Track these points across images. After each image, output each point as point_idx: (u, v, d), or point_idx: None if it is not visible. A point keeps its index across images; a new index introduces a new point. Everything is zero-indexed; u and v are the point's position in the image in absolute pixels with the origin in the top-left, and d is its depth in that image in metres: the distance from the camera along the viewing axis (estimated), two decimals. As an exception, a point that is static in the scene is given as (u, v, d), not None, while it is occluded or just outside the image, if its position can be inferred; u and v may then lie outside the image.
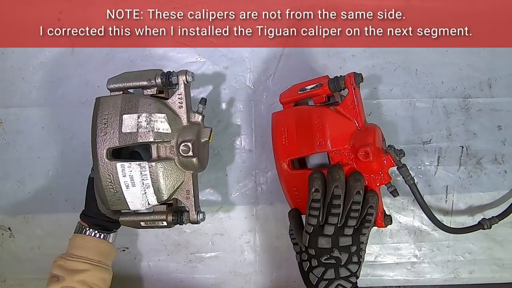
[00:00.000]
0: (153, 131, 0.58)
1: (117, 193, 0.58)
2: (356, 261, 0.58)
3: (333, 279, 0.56)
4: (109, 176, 0.58)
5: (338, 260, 0.57)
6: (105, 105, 0.59)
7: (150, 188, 0.58)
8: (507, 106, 0.75)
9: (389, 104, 0.75)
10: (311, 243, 0.58)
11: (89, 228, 0.63)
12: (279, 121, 0.66)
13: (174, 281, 0.77)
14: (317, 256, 0.57)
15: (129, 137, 0.58)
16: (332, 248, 0.57)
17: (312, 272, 0.57)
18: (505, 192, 0.75)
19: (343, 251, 0.57)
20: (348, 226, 0.57)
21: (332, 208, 0.56)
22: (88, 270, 0.60)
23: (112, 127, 0.58)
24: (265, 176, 0.76)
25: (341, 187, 0.56)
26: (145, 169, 0.58)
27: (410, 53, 0.74)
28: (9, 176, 0.75)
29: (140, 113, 0.58)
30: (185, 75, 0.62)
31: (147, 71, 0.63)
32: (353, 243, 0.58)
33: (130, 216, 0.63)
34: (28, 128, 0.74)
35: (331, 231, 0.57)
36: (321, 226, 0.57)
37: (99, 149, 0.58)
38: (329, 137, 0.60)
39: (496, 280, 0.78)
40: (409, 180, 0.62)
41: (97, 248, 0.63)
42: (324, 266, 0.57)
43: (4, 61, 0.74)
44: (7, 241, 0.75)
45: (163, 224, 0.63)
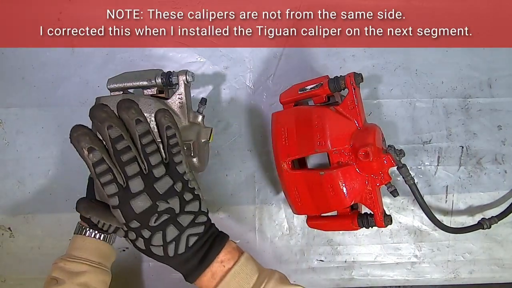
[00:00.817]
0: (154, 131, 0.58)
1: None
2: (192, 198, 0.46)
3: (179, 234, 0.45)
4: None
5: (171, 211, 0.45)
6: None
7: None
8: (507, 106, 0.75)
9: (389, 104, 0.75)
10: (128, 215, 0.43)
11: (90, 228, 0.62)
12: (279, 121, 0.66)
13: (174, 281, 0.77)
14: (144, 223, 0.44)
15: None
16: (155, 202, 0.44)
17: (152, 245, 0.44)
18: (505, 192, 0.75)
19: (169, 197, 0.45)
20: (155, 166, 0.44)
21: (122, 155, 0.42)
22: (88, 272, 0.59)
23: None
24: (265, 176, 0.75)
25: (116, 124, 0.42)
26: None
27: (410, 53, 0.74)
28: (9, 176, 0.75)
29: None
30: (185, 75, 0.62)
31: (147, 71, 0.63)
32: (175, 181, 0.45)
33: None
34: (28, 128, 0.74)
35: (140, 184, 0.43)
36: (125, 187, 0.43)
37: None
38: (329, 137, 0.60)
39: (496, 280, 0.78)
40: (409, 180, 0.62)
41: (97, 250, 0.62)
42: (160, 228, 0.44)
43: (4, 61, 0.74)
44: (7, 241, 0.75)
45: None
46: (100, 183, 0.43)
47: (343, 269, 0.77)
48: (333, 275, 0.77)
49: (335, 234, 0.76)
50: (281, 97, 0.69)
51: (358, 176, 0.61)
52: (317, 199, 0.63)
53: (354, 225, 0.64)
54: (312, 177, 0.62)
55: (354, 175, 0.60)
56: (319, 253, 0.76)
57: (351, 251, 0.76)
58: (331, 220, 0.67)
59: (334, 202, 0.61)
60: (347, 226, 0.65)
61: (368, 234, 0.76)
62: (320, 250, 0.76)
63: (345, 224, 0.65)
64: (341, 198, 0.60)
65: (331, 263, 0.77)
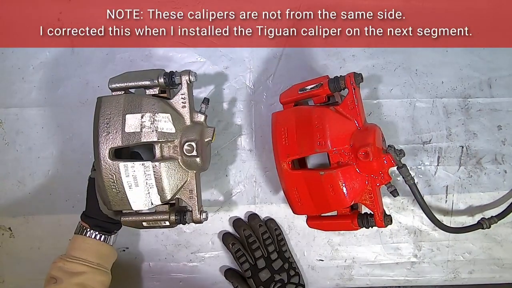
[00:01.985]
0: (157, 130, 0.58)
1: (119, 193, 0.58)
2: (294, 274, 0.72)
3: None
4: (112, 176, 0.58)
5: (282, 282, 0.70)
6: (107, 104, 0.59)
7: (154, 188, 0.58)
8: (507, 106, 0.75)
9: (389, 104, 0.75)
10: (257, 282, 0.69)
11: (90, 229, 0.62)
12: (279, 121, 0.66)
13: (174, 281, 0.77)
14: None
15: (132, 137, 0.57)
16: (273, 275, 0.70)
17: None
18: (505, 192, 0.75)
19: (281, 272, 0.71)
20: (271, 252, 0.71)
21: (252, 245, 0.71)
22: (87, 272, 0.60)
23: (114, 126, 0.58)
24: (265, 176, 0.76)
25: (248, 229, 0.72)
26: (149, 169, 0.58)
27: (410, 53, 0.74)
28: (9, 176, 0.75)
29: (144, 113, 0.58)
30: (188, 75, 0.62)
31: (149, 71, 0.63)
32: (284, 261, 0.72)
33: (132, 216, 0.63)
34: (28, 128, 0.74)
35: (263, 263, 0.70)
36: (254, 265, 0.70)
37: (101, 149, 0.57)
38: (329, 137, 0.60)
39: (496, 280, 0.78)
40: (409, 180, 0.62)
41: (97, 251, 0.62)
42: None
43: (4, 61, 0.74)
44: (7, 241, 0.75)
45: (165, 224, 0.63)
46: (238, 262, 0.71)
47: (343, 269, 0.77)
48: (333, 275, 0.77)
49: (335, 234, 0.76)
50: (281, 97, 0.69)
51: (358, 176, 0.61)
52: (317, 199, 0.63)
53: (354, 225, 0.64)
54: (312, 177, 0.62)
55: (354, 175, 0.60)
56: (319, 253, 0.77)
57: (351, 251, 0.76)
58: (331, 220, 0.67)
59: (334, 202, 0.61)
60: (347, 226, 0.65)
61: (368, 234, 0.76)
62: (320, 250, 0.76)
63: (345, 224, 0.65)
64: (341, 198, 0.60)
65: (331, 263, 0.77)
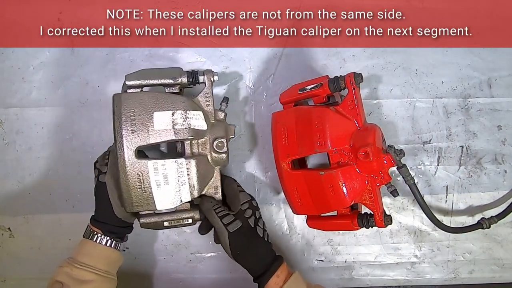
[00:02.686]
0: (190, 128, 0.58)
1: (145, 193, 0.57)
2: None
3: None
4: (139, 175, 0.56)
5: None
6: (129, 102, 0.57)
7: (186, 185, 0.58)
8: (507, 106, 0.75)
9: (389, 104, 0.75)
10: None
11: (102, 234, 0.61)
12: (279, 121, 0.66)
13: (174, 281, 0.77)
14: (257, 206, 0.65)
15: (163, 134, 0.57)
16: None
17: (258, 225, 0.62)
18: (505, 192, 0.75)
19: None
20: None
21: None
22: (95, 281, 0.58)
23: (142, 124, 0.56)
24: (265, 176, 0.76)
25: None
26: (182, 166, 0.58)
27: (410, 53, 0.74)
28: (9, 176, 0.75)
29: (174, 110, 0.58)
30: (211, 74, 0.63)
31: (170, 69, 0.63)
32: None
33: (152, 217, 0.61)
34: (28, 128, 0.74)
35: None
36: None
37: (126, 148, 0.56)
38: (329, 137, 0.60)
39: (496, 280, 0.78)
40: (409, 180, 0.62)
41: (107, 258, 0.61)
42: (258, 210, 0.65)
43: (4, 61, 0.74)
44: (7, 241, 0.75)
45: (188, 221, 0.62)
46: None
47: (343, 269, 0.77)
48: (333, 275, 0.77)
49: (335, 234, 0.76)
50: (281, 97, 0.69)
51: (358, 176, 0.61)
52: (317, 199, 0.63)
53: (354, 225, 0.64)
54: (312, 177, 0.62)
55: (354, 175, 0.60)
56: (319, 253, 0.77)
57: (351, 251, 0.76)
58: (331, 220, 0.67)
59: (334, 202, 0.61)
60: (347, 226, 0.65)
61: (368, 234, 0.76)
62: (320, 250, 0.76)
63: (345, 224, 0.65)
64: (341, 198, 0.60)
65: (331, 263, 0.77)
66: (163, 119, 0.57)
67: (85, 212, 0.74)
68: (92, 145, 0.74)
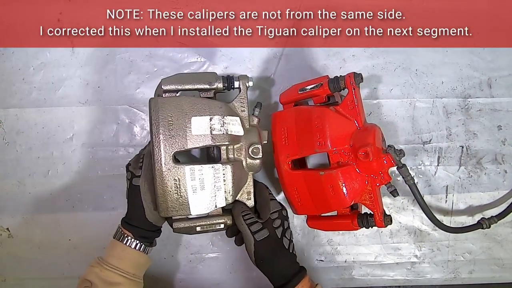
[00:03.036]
0: (227, 133, 0.58)
1: (181, 198, 0.57)
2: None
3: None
4: (175, 180, 0.56)
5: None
6: (166, 106, 0.57)
7: (221, 190, 0.58)
8: (507, 106, 0.75)
9: (389, 104, 0.75)
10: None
11: (133, 238, 0.61)
12: (279, 121, 0.66)
13: (174, 281, 0.77)
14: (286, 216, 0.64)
15: (201, 140, 0.57)
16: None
17: (285, 236, 0.61)
18: (505, 192, 0.75)
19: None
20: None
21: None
22: (123, 284, 0.59)
23: (180, 129, 0.56)
24: (265, 176, 0.75)
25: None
26: (219, 171, 0.58)
27: (410, 53, 0.74)
28: (9, 176, 0.75)
29: (212, 116, 0.58)
30: (246, 79, 0.63)
31: (206, 74, 0.64)
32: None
33: (185, 222, 0.61)
34: (28, 128, 0.74)
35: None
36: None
37: (164, 152, 0.55)
38: (329, 137, 0.60)
39: (496, 280, 0.78)
40: (409, 180, 0.62)
41: (136, 261, 0.61)
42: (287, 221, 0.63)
43: (4, 61, 0.74)
44: (6, 241, 0.75)
45: (220, 227, 0.62)
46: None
47: (343, 269, 0.77)
48: (333, 275, 0.77)
49: (335, 234, 0.76)
50: (281, 97, 0.69)
51: (358, 176, 0.61)
52: (317, 199, 0.63)
53: (354, 225, 0.64)
54: (312, 177, 0.62)
55: (354, 175, 0.60)
56: (319, 253, 0.77)
57: (351, 251, 0.76)
58: (331, 220, 0.67)
59: (334, 202, 0.61)
60: (347, 226, 0.65)
61: (368, 234, 0.76)
62: (320, 250, 0.76)
63: (345, 224, 0.65)
64: (341, 198, 0.60)
65: (331, 263, 0.77)
66: (201, 124, 0.57)
67: (85, 212, 0.74)
68: (92, 145, 0.74)
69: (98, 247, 0.70)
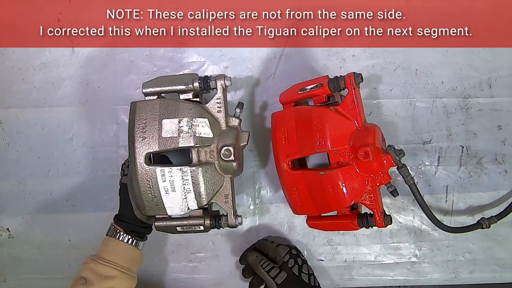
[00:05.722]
0: (195, 135, 0.58)
1: (155, 198, 0.58)
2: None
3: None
4: (148, 181, 0.57)
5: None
6: (142, 109, 0.59)
7: (191, 193, 0.58)
8: (507, 106, 0.75)
9: (389, 104, 0.75)
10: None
11: (124, 233, 0.62)
12: (279, 121, 0.66)
13: (174, 281, 0.77)
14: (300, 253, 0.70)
15: (169, 142, 0.57)
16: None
17: (302, 271, 0.67)
18: (505, 192, 0.75)
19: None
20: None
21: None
22: (117, 277, 0.60)
23: (151, 131, 0.57)
24: (265, 176, 0.76)
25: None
26: (187, 174, 0.58)
27: (410, 53, 0.74)
28: (9, 176, 0.75)
29: (181, 118, 0.58)
30: (223, 79, 0.62)
31: (183, 76, 0.64)
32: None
33: (165, 221, 0.62)
34: (28, 128, 0.74)
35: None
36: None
37: (137, 154, 0.57)
38: (329, 137, 0.60)
39: (496, 280, 0.78)
40: (409, 180, 0.62)
41: (128, 255, 0.62)
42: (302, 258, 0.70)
43: (4, 61, 0.74)
44: (7, 241, 0.75)
45: (200, 228, 0.63)
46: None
47: (343, 269, 0.77)
48: (333, 275, 0.77)
49: (335, 234, 0.76)
50: (281, 97, 0.69)
51: (358, 176, 0.61)
52: (317, 199, 0.63)
53: (354, 225, 0.64)
54: (312, 177, 0.62)
55: (354, 175, 0.60)
56: (319, 253, 0.77)
57: (351, 251, 0.76)
58: (331, 220, 0.67)
59: (334, 202, 0.61)
60: (347, 226, 0.65)
61: (368, 234, 0.76)
62: (320, 250, 0.76)
63: (345, 224, 0.65)
64: (341, 198, 0.60)
65: (331, 263, 0.77)
66: (170, 126, 0.58)
67: (85, 212, 0.75)
68: (92, 145, 0.74)
69: (98, 247, 0.69)
